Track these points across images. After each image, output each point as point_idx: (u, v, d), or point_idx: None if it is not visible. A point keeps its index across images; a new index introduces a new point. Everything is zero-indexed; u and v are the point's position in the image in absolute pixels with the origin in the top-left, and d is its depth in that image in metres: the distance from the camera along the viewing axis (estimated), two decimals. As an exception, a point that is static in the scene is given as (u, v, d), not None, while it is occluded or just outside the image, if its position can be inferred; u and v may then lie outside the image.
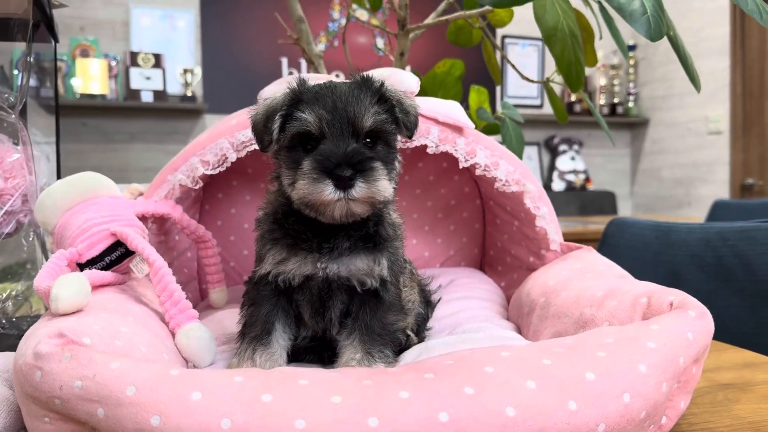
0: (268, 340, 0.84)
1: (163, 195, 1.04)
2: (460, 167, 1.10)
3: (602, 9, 1.27)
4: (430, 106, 1.06)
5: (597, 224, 3.84)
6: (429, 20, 1.56)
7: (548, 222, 1.14)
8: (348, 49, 1.85)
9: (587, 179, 5.79)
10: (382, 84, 0.84)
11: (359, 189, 0.75)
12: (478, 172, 1.10)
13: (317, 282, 0.84)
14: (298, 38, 1.77)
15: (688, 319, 0.72)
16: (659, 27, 1.08)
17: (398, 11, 1.56)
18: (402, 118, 0.84)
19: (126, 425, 0.54)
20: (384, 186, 0.77)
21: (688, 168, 5.41)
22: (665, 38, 1.12)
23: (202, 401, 0.54)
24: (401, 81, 1.05)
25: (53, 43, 1.37)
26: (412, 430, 0.55)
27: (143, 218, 1.01)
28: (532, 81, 1.58)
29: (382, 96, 0.83)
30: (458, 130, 1.08)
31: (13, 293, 1.23)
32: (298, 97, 0.81)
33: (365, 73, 0.86)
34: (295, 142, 0.79)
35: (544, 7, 1.24)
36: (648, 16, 1.07)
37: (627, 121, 5.91)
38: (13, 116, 1.18)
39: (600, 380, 0.61)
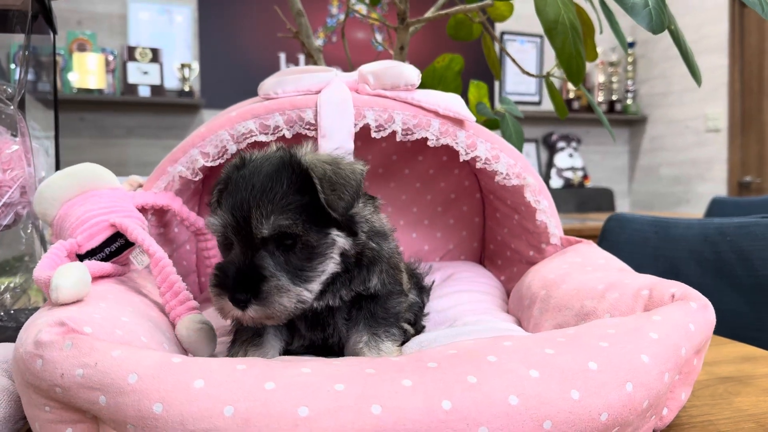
0: (260, 341, 0.84)
1: (163, 186, 1.04)
2: (461, 160, 1.10)
3: (602, 3, 1.27)
4: (430, 98, 1.06)
5: (595, 221, 3.85)
6: (429, 14, 1.56)
7: (548, 216, 1.14)
8: (347, 44, 1.84)
9: (585, 176, 5.79)
10: (303, 162, 0.76)
11: (254, 310, 0.73)
12: (478, 165, 1.10)
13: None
14: (298, 32, 1.76)
15: (690, 310, 0.71)
16: (660, 19, 1.07)
17: (398, 4, 1.55)
18: (327, 198, 0.73)
19: (128, 413, 0.54)
20: (287, 301, 0.73)
21: (687, 165, 5.42)
22: (664, 34, 1.12)
23: (205, 388, 0.54)
24: (400, 74, 1.05)
25: (52, 35, 1.36)
26: (415, 418, 0.54)
27: (143, 210, 1.01)
28: (532, 75, 1.58)
29: (306, 176, 0.75)
30: (459, 123, 1.08)
31: (12, 285, 1.23)
32: (231, 179, 0.78)
33: (292, 150, 0.79)
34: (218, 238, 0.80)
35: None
36: (649, 9, 1.07)
37: (625, 119, 5.92)
38: (12, 108, 1.17)
39: (602, 370, 0.61)
